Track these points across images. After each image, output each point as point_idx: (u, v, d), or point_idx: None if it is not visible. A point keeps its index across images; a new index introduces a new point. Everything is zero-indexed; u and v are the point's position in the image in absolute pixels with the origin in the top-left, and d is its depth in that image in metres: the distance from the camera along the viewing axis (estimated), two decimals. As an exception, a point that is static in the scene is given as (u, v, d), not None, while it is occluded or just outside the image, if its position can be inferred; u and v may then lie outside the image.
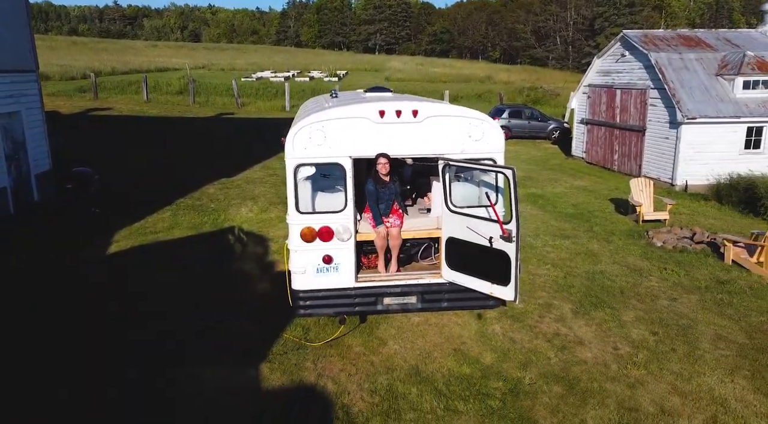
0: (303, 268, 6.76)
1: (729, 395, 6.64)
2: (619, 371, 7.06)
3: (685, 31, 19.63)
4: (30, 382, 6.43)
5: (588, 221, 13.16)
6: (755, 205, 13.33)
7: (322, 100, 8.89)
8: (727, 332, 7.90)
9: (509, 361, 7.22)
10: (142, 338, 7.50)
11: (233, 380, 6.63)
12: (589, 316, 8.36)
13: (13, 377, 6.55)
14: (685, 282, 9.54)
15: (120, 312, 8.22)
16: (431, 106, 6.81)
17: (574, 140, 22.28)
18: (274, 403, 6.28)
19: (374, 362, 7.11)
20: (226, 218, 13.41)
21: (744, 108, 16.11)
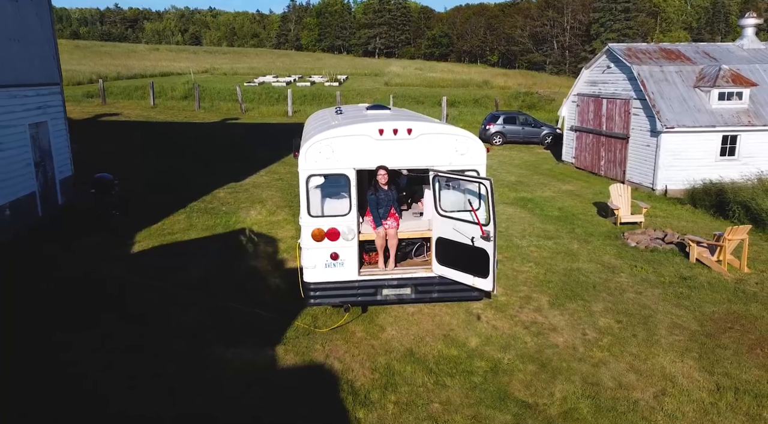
0: (313, 263, 7.89)
1: (678, 372, 7.77)
2: (585, 352, 8.18)
3: (667, 44, 20.78)
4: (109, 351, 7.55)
5: (571, 223, 14.29)
6: (725, 208, 14.47)
7: (329, 116, 10.02)
8: (682, 321, 9.03)
9: (491, 344, 8.34)
10: (180, 322, 8.62)
11: (254, 360, 7.75)
12: (564, 307, 9.48)
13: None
14: (651, 278, 10.67)
15: (158, 303, 9.33)
16: (423, 124, 7.95)
17: (564, 146, 23.40)
18: (289, 378, 7.40)
19: (374, 345, 8.23)
20: (237, 220, 14.50)
21: (719, 118, 17.26)
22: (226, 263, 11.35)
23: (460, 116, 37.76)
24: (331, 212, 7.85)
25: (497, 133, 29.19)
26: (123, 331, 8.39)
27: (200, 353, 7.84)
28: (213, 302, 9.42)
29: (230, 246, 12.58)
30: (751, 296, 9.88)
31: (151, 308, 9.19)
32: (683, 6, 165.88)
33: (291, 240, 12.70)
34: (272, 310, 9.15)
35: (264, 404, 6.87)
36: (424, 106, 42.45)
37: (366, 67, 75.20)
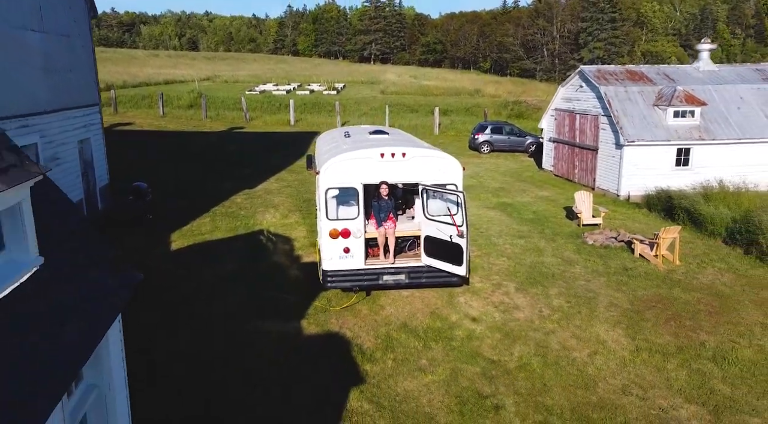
0: (330, 256, 10.27)
1: (608, 338, 10.18)
2: (540, 324, 10.59)
3: (632, 66, 23.29)
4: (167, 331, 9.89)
5: (542, 225, 16.72)
6: (672, 212, 16.92)
7: (339, 139, 12.39)
8: (617, 301, 11.47)
9: (467, 319, 10.74)
10: (225, 304, 10.98)
11: (283, 330, 10.12)
12: (527, 291, 11.90)
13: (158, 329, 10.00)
14: (600, 269, 13.11)
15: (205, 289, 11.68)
16: (415, 149, 10.36)
17: (545, 155, 25.86)
18: (310, 344, 9.78)
19: (377, 319, 10.61)
20: (255, 223, 16.84)
21: (674, 133, 19.75)
22: (252, 258, 13.70)
23: (452, 125, 40.21)
24: (344, 216, 10.23)
25: (485, 142, 31.60)
26: (179, 310, 10.74)
27: (243, 326, 10.21)
28: (247, 288, 11.78)
29: (253, 244, 14.92)
30: (675, 283, 12.33)
31: (200, 293, 11.54)
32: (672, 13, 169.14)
33: (303, 239, 15.07)
34: (295, 294, 11.52)
35: (295, 359, 9.25)
36: (418, 115, 44.94)
37: (362, 74, 77.59)
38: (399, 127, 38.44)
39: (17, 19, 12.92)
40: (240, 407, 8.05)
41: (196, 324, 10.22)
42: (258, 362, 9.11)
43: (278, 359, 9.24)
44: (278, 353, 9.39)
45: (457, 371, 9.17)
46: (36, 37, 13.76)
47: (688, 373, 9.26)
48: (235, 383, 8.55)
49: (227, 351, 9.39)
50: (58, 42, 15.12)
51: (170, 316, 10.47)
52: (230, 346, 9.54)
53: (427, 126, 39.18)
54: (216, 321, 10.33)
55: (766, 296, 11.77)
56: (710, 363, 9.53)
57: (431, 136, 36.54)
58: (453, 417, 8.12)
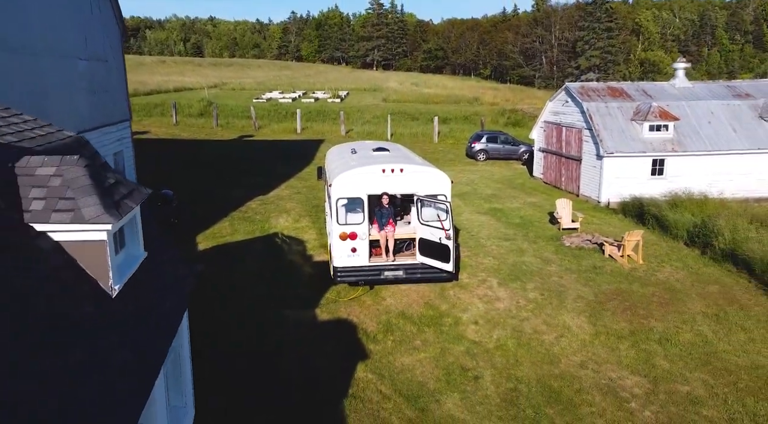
0: (340, 254, 12.24)
1: (573, 325, 12.13)
2: (516, 313, 12.55)
3: (613, 83, 25.25)
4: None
5: (527, 229, 18.67)
6: (643, 217, 18.86)
7: (347, 156, 14.34)
8: (584, 294, 13.42)
9: (455, 308, 12.70)
10: (253, 295, 12.96)
11: (302, 317, 12.10)
12: (507, 286, 13.86)
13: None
14: (573, 267, 15.06)
15: (234, 284, 13.66)
16: (411, 165, 12.34)
17: (535, 164, 27.81)
18: (325, 328, 11.75)
19: (378, 308, 12.58)
20: (270, 226, 18.81)
21: (649, 145, 21.69)
22: (270, 258, 15.69)
23: (451, 133, 42.18)
24: (352, 221, 12.21)
25: (481, 151, 33.55)
26: (214, 300, 12.72)
27: (269, 314, 12.19)
28: (269, 283, 13.77)
29: (269, 246, 16.90)
30: (635, 279, 14.28)
31: (229, 287, 13.52)
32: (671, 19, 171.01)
33: (314, 241, 17.04)
34: (309, 288, 13.49)
35: (313, 338, 11.23)
36: (418, 123, 46.92)
37: (365, 81, 79.75)
38: (400, 136, 40.59)
39: (69, 49, 14.97)
40: (272, 372, 10.03)
41: (231, 312, 12.19)
42: (284, 341, 11.09)
43: (299, 339, 11.22)
44: (299, 335, 11.37)
45: (445, 350, 11.13)
46: (82, 63, 15.82)
47: (636, 352, 11.21)
48: (267, 355, 10.53)
49: (258, 332, 11.38)
50: (98, 66, 17.16)
51: (207, 306, 12.45)
52: (260, 328, 11.52)
53: (427, 134, 41.17)
54: (247, 310, 12.31)
55: (711, 290, 13.72)
56: (656, 344, 11.48)
57: (431, 145, 38.58)
58: (440, 385, 10.08)
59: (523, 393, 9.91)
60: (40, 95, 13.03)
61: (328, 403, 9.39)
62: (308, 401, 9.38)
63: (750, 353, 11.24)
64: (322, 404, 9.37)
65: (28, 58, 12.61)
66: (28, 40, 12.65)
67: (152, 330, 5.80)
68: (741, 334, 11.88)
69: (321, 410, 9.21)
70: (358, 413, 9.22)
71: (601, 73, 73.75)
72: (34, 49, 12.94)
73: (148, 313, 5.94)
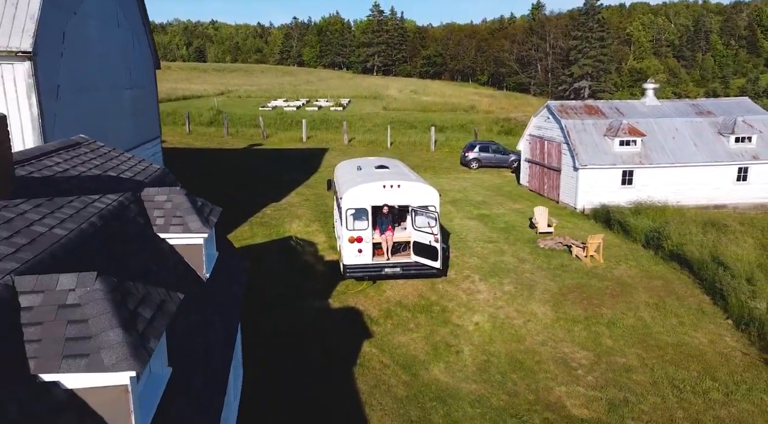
0: (348, 254, 15.01)
1: (539, 312, 14.89)
2: (493, 302, 15.31)
3: (590, 102, 28.01)
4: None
5: (508, 233, 21.42)
6: (609, 222, 21.64)
7: (354, 172, 17.08)
8: (550, 288, 16.18)
9: (443, 299, 15.46)
10: (276, 292, 15.72)
11: (318, 306, 14.86)
12: (487, 281, 16.62)
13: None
14: (544, 266, 17.82)
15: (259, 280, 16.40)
16: (406, 182, 15.13)
17: (521, 173, 30.58)
18: (335, 316, 14.51)
19: (380, 299, 15.33)
20: (285, 230, 21.54)
21: (620, 158, 24.46)
22: (287, 258, 18.44)
23: (447, 141, 44.92)
24: (358, 227, 14.96)
25: (474, 159, 36.32)
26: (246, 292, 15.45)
27: (292, 304, 14.95)
28: (289, 279, 16.52)
29: (286, 248, 19.64)
30: (595, 275, 17.05)
31: (256, 283, 16.27)
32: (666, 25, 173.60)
33: (324, 244, 19.77)
34: (322, 283, 16.25)
35: (328, 322, 14.00)
36: (416, 131, 49.69)
37: (366, 88, 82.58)
38: (399, 144, 43.39)
39: (119, 82, 17.76)
40: (298, 347, 12.79)
41: (261, 303, 14.95)
42: (305, 324, 13.85)
43: (317, 322, 13.99)
44: (316, 319, 14.14)
45: (433, 331, 13.89)
46: (128, 92, 18.61)
47: (587, 333, 13.98)
48: (294, 334, 13.29)
49: (285, 318, 14.14)
50: (139, 92, 19.94)
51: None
52: (286, 315, 14.28)
53: (425, 143, 43.92)
54: (274, 301, 15.07)
55: (656, 284, 16.49)
56: (603, 327, 14.24)
57: (428, 153, 41.37)
58: (429, 357, 12.83)
59: (494, 363, 12.68)
60: (99, 122, 15.79)
61: (342, 370, 12.15)
62: (327, 369, 12.15)
63: (678, 334, 14.01)
64: (338, 370, 12.13)
65: (92, 93, 15.38)
66: (91, 79, 15.42)
67: (228, 303, 8.55)
68: (674, 319, 14.65)
69: (337, 375, 11.97)
70: (365, 377, 11.97)
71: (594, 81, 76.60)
72: (95, 85, 15.72)
73: (224, 292, 8.70)
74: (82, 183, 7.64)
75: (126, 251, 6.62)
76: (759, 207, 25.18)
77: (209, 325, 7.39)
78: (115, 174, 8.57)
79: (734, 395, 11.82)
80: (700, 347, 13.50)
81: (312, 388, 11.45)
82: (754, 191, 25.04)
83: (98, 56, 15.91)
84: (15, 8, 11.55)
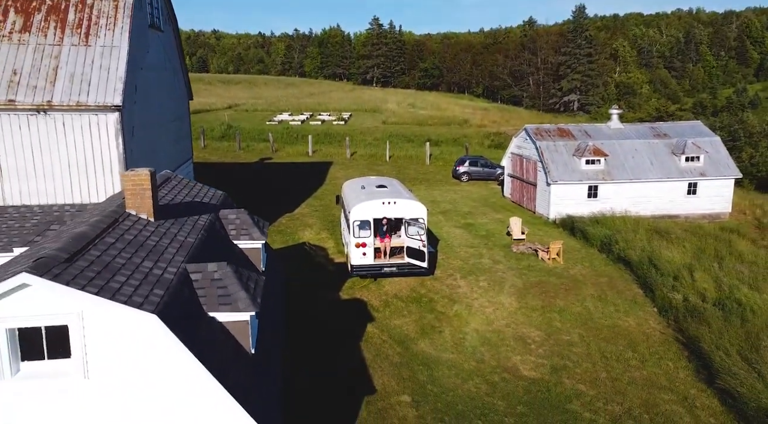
0: (355, 256, 18.94)
1: (506, 302, 18.81)
2: (470, 295, 19.23)
3: (563, 125, 32.03)
4: (261, 296, 18.62)
5: (488, 239, 25.34)
6: (573, 230, 25.57)
7: (358, 190, 20.99)
8: (516, 283, 20.10)
9: (430, 292, 19.37)
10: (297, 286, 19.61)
11: (331, 297, 18.78)
12: (467, 278, 20.53)
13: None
14: (514, 266, 21.73)
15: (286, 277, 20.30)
16: (401, 199, 19.10)
17: (505, 186, 34.53)
18: (345, 305, 18.41)
19: (380, 292, 19.24)
20: (299, 237, 25.43)
21: (586, 175, 28.41)
22: (303, 260, 22.34)
23: (441, 155, 48.85)
24: (363, 235, 18.87)
25: (464, 173, 40.24)
26: (271, 286, 19.38)
27: (312, 295, 18.85)
28: (307, 277, 20.41)
29: (301, 252, 23.54)
30: (554, 274, 20.95)
31: (278, 278, 20.15)
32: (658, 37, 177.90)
33: (333, 249, 23.64)
34: (333, 279, 20.14)
35: (340, 309, 17.92)
36: (413, 145, 53.68)
37: (366, 101, 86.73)
38: (397, 158, 47.40)
39: (166, 116, 21.72)
40: (318, 326, 16.67)
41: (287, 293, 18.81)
42: (322, 311, 17.75)
43: (331, 309, 17.89)
44: (331, 307, 18.04)
45: (422, 317, 17.78)
46: (172, 124, 22.58)
47: (542, 318, 17.88)
48: (314, 317, 17.18)
49: (307, 304, 18.03)
50: (179, 123, 23.92)
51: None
52: (307, 303, 18.17)
53: (420, 157, 47.85)
54: (296, 292, 18.96)
55: (602, 281, 20.41)
56: (555, 314, 18.15)
57: (423, 167, 45.32)
58: (417, 335, 16.71)
59: (467, 340, 16.58)
60: (155, 151, 19.73)
61: (352, 343, 16.04)
62: (341, 343, 16.03)
63: (613, 318, 17.93)
64: (348, 343, 16.01)
65: (150, 128, 19.33)
66: (150, 117, 19.38)
67: (278, 292, 12.47)
68: (611, 307, 18.57)
69: (347, 347, 15.85)
70: (369, 348, 15.85)
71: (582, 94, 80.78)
72: (153, 122, 19.67)
73: (274, 280, 12.62)
74: (183, 206, 11.56)
75: (221, 250, 10.55)
76: (706, 217, 29.16)
77: (269, 296, 11.29)
78: (199, 200, 12.49)
79: (647, 363, 15.73)
80: (628, 328, 17.43)
81: (330, 352, 15.35)
82: (702, 203, 29.03)
83: (155, 98, 19.88)
84: (107, 73, 15.52)
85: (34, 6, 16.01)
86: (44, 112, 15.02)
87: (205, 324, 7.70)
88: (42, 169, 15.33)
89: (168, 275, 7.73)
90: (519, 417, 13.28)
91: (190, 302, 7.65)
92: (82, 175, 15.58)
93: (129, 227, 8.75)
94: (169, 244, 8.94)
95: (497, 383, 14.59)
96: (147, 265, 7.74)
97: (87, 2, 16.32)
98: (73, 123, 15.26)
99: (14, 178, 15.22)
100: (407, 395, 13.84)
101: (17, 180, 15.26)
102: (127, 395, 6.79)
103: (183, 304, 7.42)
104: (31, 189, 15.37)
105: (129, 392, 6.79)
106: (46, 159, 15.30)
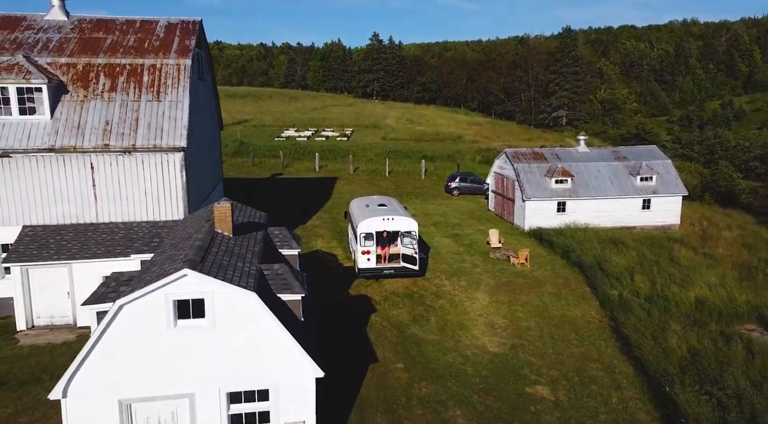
0: (361, 261, 23.92)
1: (481, 298, 23.78)
2: (453, 292, 24.19)
3: (537, 149, 37.08)
4: (287, 292, 23.61)
5: (471, 247, 30.30)
6: (542, 240, 30.54)
7: (363, 208, 25.97)
8: (490, 282, 25.06)
9: (420, 290, 24.32)
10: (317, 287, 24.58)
11: (342, 293, 23.74)
12: (450, 279, 25.48)
13: (281, 292, 23.69)
14: (489, 269, 26.68)
15: (298, 278, 25.27)
16: (397, 216, 24.15)
17: (490, 200, 39.55)
18: (354, 299, 23.38)
19: (381, 290, 24.18)
20: (312, 246, 30.38)
21: (555, 193, 33.39)
22: (317, 265, 27.28)
23: (435, 171, 53.92)
24: (367, 245, 23.84)
25: (455, 188, 45.27)
26: (294, 285, 24.36)
27: (330, 293, 23.79)
28: (323, 279, 25.35)
29: (315, 258, 28.48)
30: (521, 275, 25.91)
31: (299, 279, 25.12)
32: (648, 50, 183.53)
33: (342, 255, 28.57)
34: (343, 281, 25.07)
35: (349, 302, 22.88)
36: (411, 161, 58.71)
37: (366, 116, 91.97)
38: (396, 173, 52.49)
39: (208, 144, 26.73)
40: (334, 314, 21.60)
41: (304, 291, 23.75)
42: (336, 303, 22.70)
43: (343, 302, 22.84)
44: (343, 300, 22.98)
45: (413, 308, 22.73)
46: (210, 152, 27.61)
47: (508, 310, 22.83)
48: (333, 306, 22.11)
49: (324, 298, 22.97)
50: (215, 151, 28.93)
51: (291, 288, 24.07)
52: (324, 297, 23.10)
53: (417, 172, 52.90)
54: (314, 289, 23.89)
55: (559, 281, 25.37)
56: (519, 307, 23.10)
57: (419, 181, 50.35)
58: (410, 322, 21.65)
59: (449, 326, 21.52)
60: (201, 176, 24.72)
61: (359, 328, 20.97)
62: (351, 327, 20.96)
63: (564, 310, 22.88)
64: (356, 327, 20.95)
65: (199, 159, 24.32)
66: (199, 150, 24.37)
67: (309, 282, 17.39)
68: (563, 301, 23.53)
69: (355, 329, 20.79)
70: (372, 332, 20.78)
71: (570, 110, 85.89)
72: (200, 153, 24.67)
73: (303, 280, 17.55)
74: (245, 226, 16.51)
75: (274, 255, 15.52)
76: (659, 228, 34.16)
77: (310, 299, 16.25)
78: (252, 220, 17.45)
79: (585, 342, 20.68)
80: (574, 318, 22.37)
81: (343, 331, 20.30)
82: (655, 217, 34.04)
83: (201, 134, 24.90)
84: (175, 121, 20.55)
85: (117, 70, 21.07)
86: (129, 153, 20.04)
87: (275, 300, 12.64)
88: (126, 195, 20.33)
89: (253, 270, 12.69)
90: (483, 378, 18.20)
91: (266, 287, 12.61)
92: (154, 200, 20.57)
93: (221, 241, 13.71)
94: (246, 252, 13.89)
95: (469, 356, 19.51)
96: (240, 265, 12.70)
97: (156, 66, 21.39)
98: (150, 160, 20.28)
99: (105, 202, 20.21)
100: (401, 364, 18.76)
101: (107, 204, 20.24)
102: (237, 339, 11.74)
103: (263, 288, 12.39)
104: (117, 210, 20.35)
105: (237, 336, 11.73)
106: (129, 188, 20.30)
